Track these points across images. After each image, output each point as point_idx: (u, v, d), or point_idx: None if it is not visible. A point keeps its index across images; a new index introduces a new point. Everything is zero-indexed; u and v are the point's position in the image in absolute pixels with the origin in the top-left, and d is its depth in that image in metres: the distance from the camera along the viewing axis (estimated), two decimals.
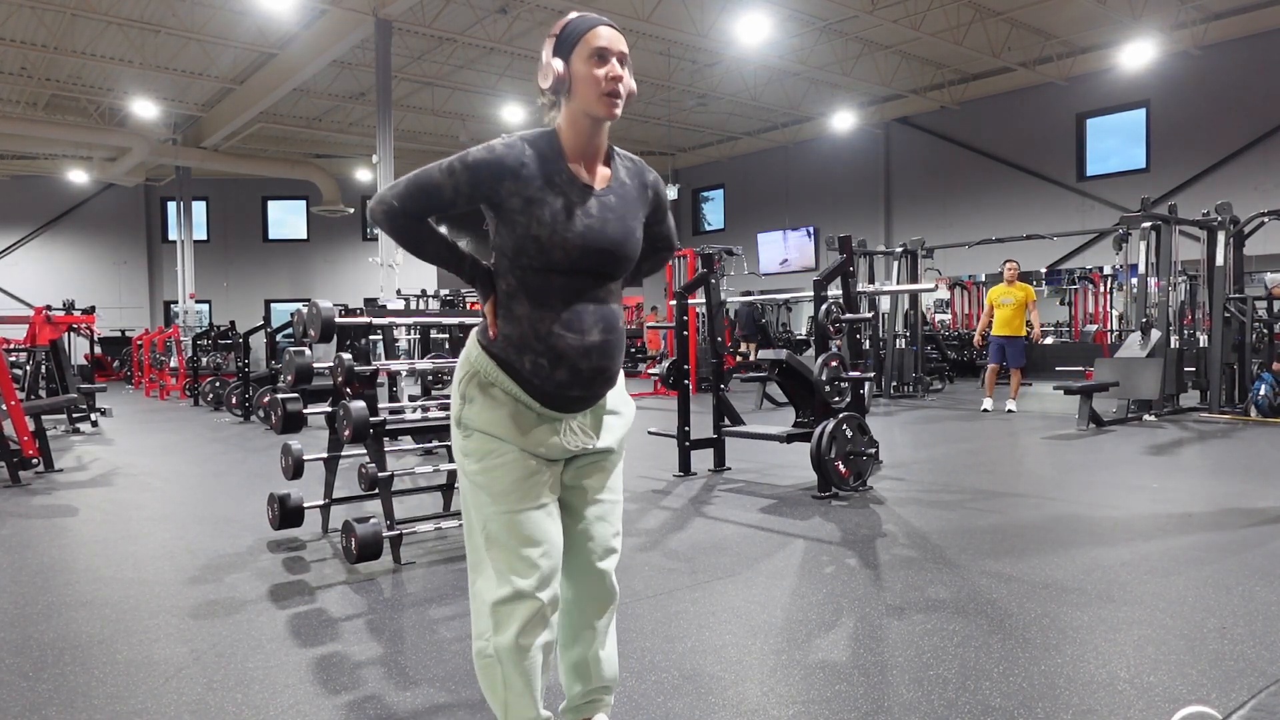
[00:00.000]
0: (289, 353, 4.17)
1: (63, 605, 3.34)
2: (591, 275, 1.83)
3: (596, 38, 1.78)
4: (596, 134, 1.83)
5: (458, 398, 1.88)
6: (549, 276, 1.79)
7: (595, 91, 1.77)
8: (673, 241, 2.17)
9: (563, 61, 1.79)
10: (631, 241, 1.87)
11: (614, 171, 1.89)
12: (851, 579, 3.52)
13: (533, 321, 1.79)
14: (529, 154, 1.78)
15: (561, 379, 1.81)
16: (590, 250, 1.79)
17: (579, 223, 1.78)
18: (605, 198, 1.84)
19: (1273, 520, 4.39)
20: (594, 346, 1.82)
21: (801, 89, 18.59)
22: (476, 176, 1.77)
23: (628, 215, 1.87)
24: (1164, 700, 2.32)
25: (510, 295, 1.82)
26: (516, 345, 1.81)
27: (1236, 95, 15.26)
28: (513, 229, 1.78)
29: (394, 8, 13.19)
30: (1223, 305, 9.54)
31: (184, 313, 20.85)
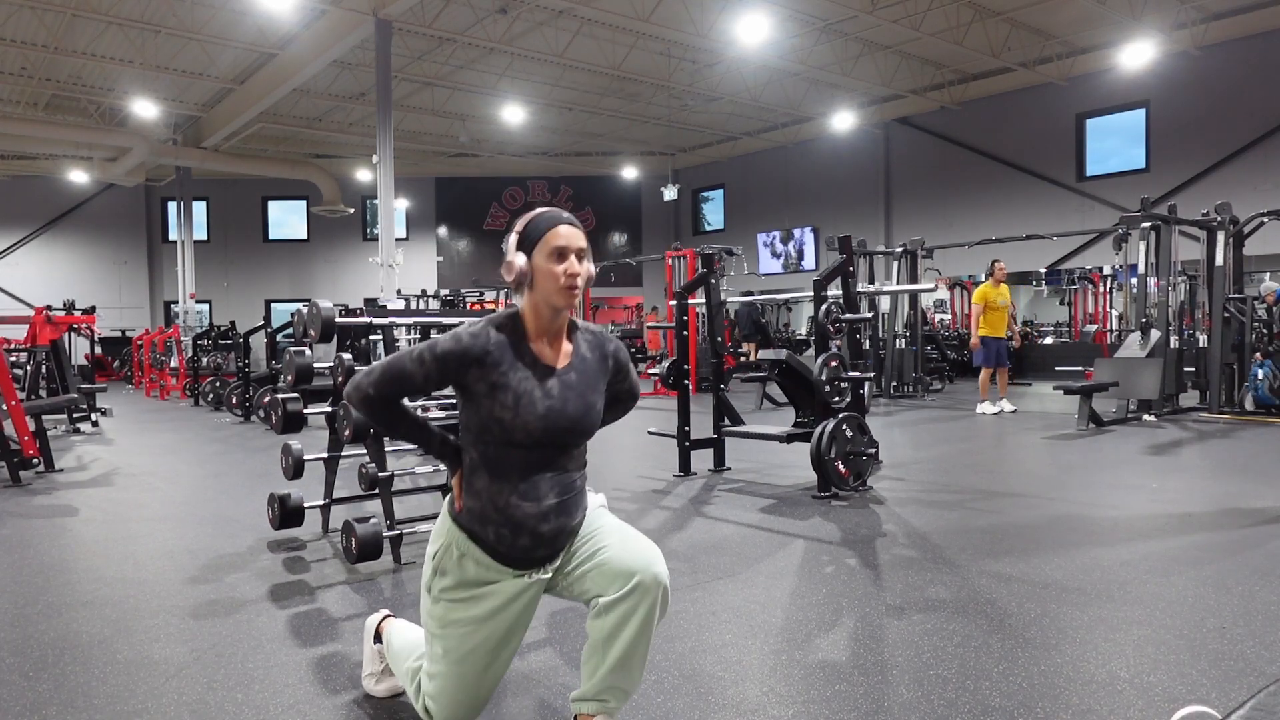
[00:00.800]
0: (289, 353, 4.17)
1: (63, 605, 3.34)
2: (552, 449, 1.98)
3: (556, 237, 1.94)
4: (557, 317, 2.00)
5: (430, 568, 2.05)
6: (510, 451, 1.95)
7: (555, 285, 1.93)
8: (635, 391, 2.33)
9: (525, 257, 1.95)
10: (591, 415, 2.03)
11: (575, 346, 2.05)
12: (851, 579, 3.52)
13: (491, 495, 1.95)
14: (494, 340, 1.94)
15: (524, 544, 1.97)
16: (551, 429, 1.94)
17: (540, 405, 1.93)
18: (566, 375, 1.99)
19: (1273, 520, 4.39)
20: (550, 509, 1.97)
21: (801, 89, 18.59)
22: (444, 366, 1.92)
23: (588, 391, 2.02)
24: (1164, 700, 2.32)
25: (473, 469, 1.98)
26: (479, 518, 1.97)
27: (1236, 95, 15.26)
28: (478, 409, 1.94)
29: (394, 8, 13.19)
30: (1222, 305, 9.54)
31: (184, 313, 20.85)
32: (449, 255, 25.30)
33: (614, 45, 15.72)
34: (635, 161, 24.16)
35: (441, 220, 25.37)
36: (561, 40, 15.43)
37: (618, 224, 25.74)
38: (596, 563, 2.00)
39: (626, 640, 1.94)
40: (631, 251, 24.45)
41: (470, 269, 24.52)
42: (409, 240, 24.40)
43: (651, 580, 1.95)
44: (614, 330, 21.54)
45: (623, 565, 1.96)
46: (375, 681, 2.44)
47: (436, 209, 25.24)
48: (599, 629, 1.97)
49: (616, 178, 24.85)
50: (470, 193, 24.94)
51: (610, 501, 5.21)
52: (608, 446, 7.64)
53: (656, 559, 1.99)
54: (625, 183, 25.05)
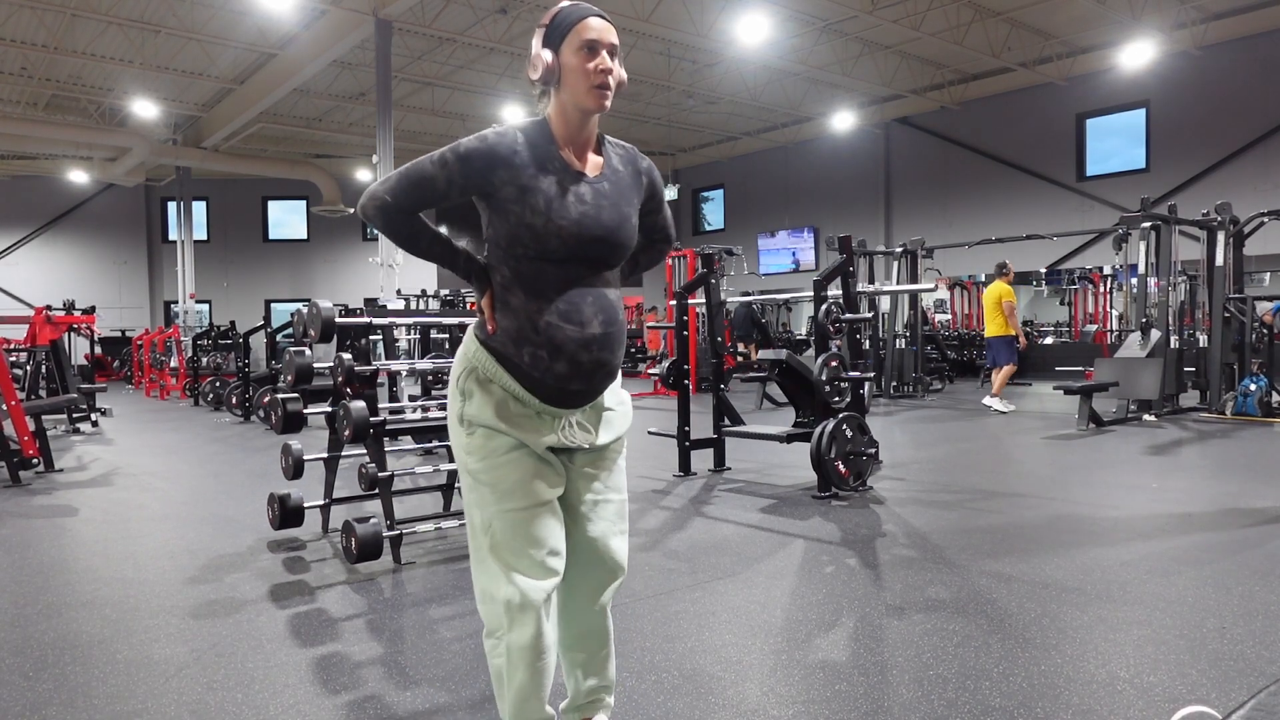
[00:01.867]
0: (289, 353, 4.17)
1: (63, 605, 3.34)
2: (587, 263, 1.80)
3: (586, 29, 1.76)
4: (586, 124, 1.82)
5: (456, 394, 1.85)
6: (544, 266, 1.77)
7: (585, 84, 1.76)
8: (670, 233, 2.16)
9: (552, 52, 1.77)
10: (627, 228, 1.85)
11: (606, 159, 1.88)
12: (851, 579, 3.52)
13: (529, 313, 1.77)
14: (521, 142, 1.77)
15: (561, 371, 1.78)
16: (585, 238, 1.77)
17: (573, 210, 1.76)
18: (599, 184, 1.82)
19: (1273, 520, 4.39)
20: (594, 338, 1.79)
21: (801, 89, 18.59)
22: (469, 166, 1.75)
23: (622, 202, 1.85)
24: (1164, 700, 2.32)
25: (505, 287, 1.79)
26: (514, 338, 1.78)
27: (1236, 95, 15.26)
28: (506, 218, 1.77)
29: (394, 8, 13.19)
30: (1222, 305, 9.54)
31: (184, 313, 20.86)
32: None
33: None
34: None
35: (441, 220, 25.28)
36: None
37: None
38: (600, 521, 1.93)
39: (606, 639, 1.99)
40: None
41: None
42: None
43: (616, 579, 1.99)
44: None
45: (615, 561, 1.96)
46: None
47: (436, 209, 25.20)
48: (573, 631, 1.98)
49: None
50: None
51: None
52: None
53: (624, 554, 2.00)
54: None
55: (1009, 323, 10.12)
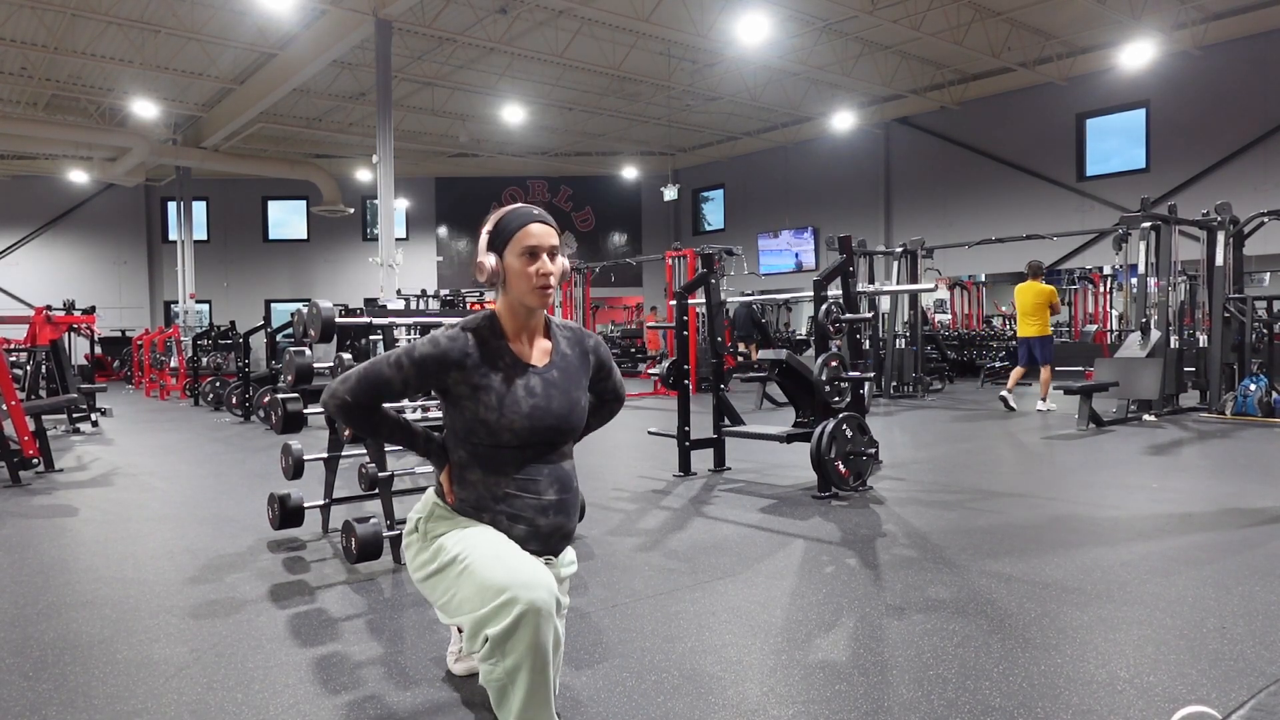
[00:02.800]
0: (289, 353, 4.17)
1: (63, 605, 3.34)
2: (541, 446, 1.95)
3: (527, 236, 1.91)
4: (533, 316, 1.98)
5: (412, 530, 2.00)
6: (499, 451, 1.92)
7: (527, 285, 1.92)
8: (620, 393, 2.29)
9: (496, 256, 1.93)
10: (576, 412, 2.00)
11: (555, 343, 2.03)
12: (851, 579, 3.52)
13: (488, 485, 1.93)
14: (472, 344, 1.91)
15: (519, 534, 1.93)
16: (537, 428, 1.92)
17: (524, 404, 1.90)
18: (548, 374, 1.97)
19: (1273, 520, 4.39)
20: (550, 504, 1.95)
21: (801, 89, 18.59)
22: (423, 370, 1.90)
23: (571, 387, 2.00)
24: (1164, 700, 2.32)
25: (464, 466, 1.95)
26: (474, 506, 1.94)
27: (1236, 95, 15.26)
28: (461, 412, 1.91)
29: (394, 8, 13.19)
30: (1222, 305, 9.54)
31: (184, 313, 20.85)
32: (449, 255, 25.30)
33: (614, 45, 15.72)
34: (635, 161, 24.16)
35: (441, 220, 25.37)
36: (561, 40, 15.43)
37: (618, 224, 25.74)
38: None
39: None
40: (631, 251, 24.45)
41: (470, 269, 24.50)
42: (409, 240, 24.40)
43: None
44: (614, 330, 21.56)
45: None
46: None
47: (436, 209, 25.24)
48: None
49: (616, 178, 24.85)
50: (470, 193, 24.94)
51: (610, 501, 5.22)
52: (608, 446, 7.64)
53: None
54: (625, 183, 25.05)
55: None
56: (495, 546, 1.87)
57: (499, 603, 1.75)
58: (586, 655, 2.72)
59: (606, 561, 3.83)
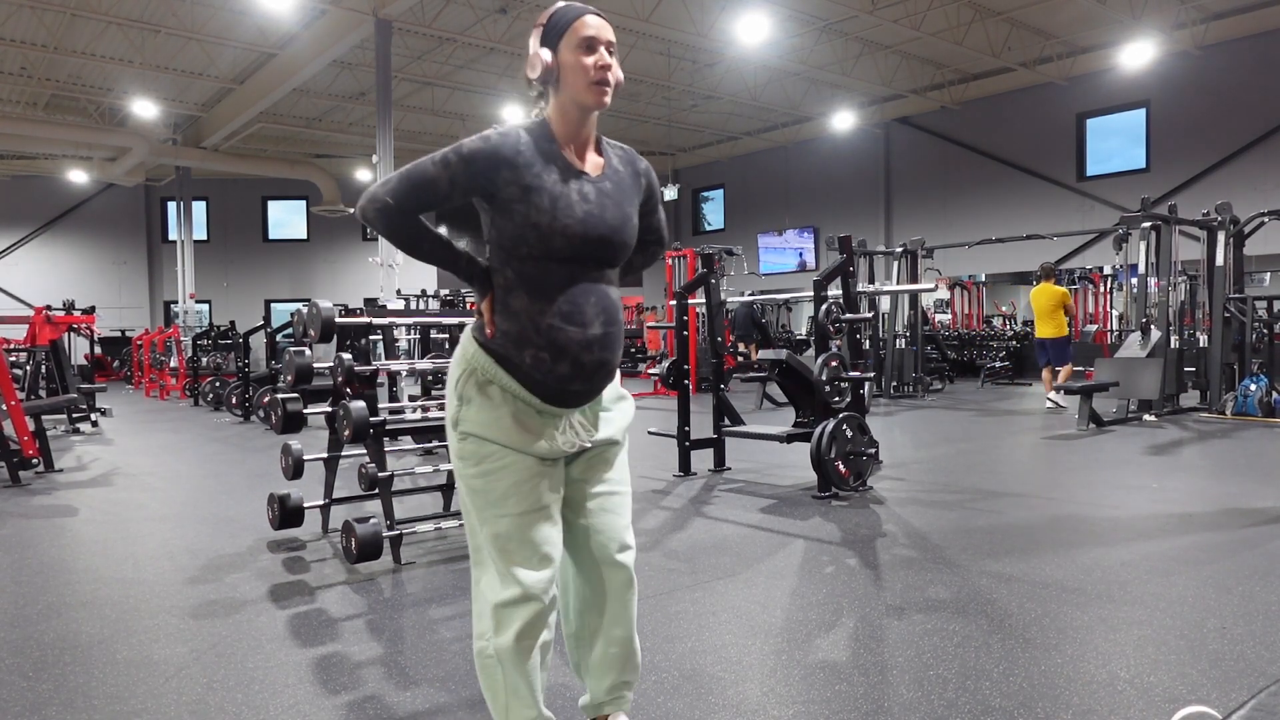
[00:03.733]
0: (289, 353, 4.17)
1: (63, 605, 3.34)
2: (591, 262, 1.80)
3: (584, 26, 1.76)
4: (586, 122, 1.82)
5: (454, 398, 1.85)
6: (547, 266, 1.76)
7: (584, 80, 1.76)
8: (663, 235, 2.15)
9: (550, 51, 1.78)
10: (629, 227, 1.86)
11: (606, 159, 1.88)
12: (851, 579, 3.51)
13: (531, 315, 1.76)
14: (525, 141, 1.76)
15: (563, 373, 1.78)
16: (590, 237, 1.77)
17: (578, 209, 1.76)
18: (601, 184, 1.83)
19: (1273, 520, 4.39)
20: (595, 339, 1.80)
21: (801, 89, 18.59)
22: (473, 167, 1.74)
23: (624, 201, 1.86)
24: (1164, 700, 2.32)
25: (507, 289, 1.79)
26: (515, 340, 1.78)
27: (1236, 95, 15.26)
28: (510, 218, 1.75)
29: (394, 8, 13.19)
30: (1223, 305, 9.54)
31: (184, 313, 20.85)
32: None
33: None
34: None
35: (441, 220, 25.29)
36: None
37: None
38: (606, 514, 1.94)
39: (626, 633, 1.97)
40: None
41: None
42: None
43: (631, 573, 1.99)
44: None
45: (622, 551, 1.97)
46: None
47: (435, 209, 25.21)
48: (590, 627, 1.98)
49: None
50: None
51: None
52: None
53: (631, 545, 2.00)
54: None
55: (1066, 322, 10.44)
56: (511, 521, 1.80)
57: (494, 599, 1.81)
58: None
59: None
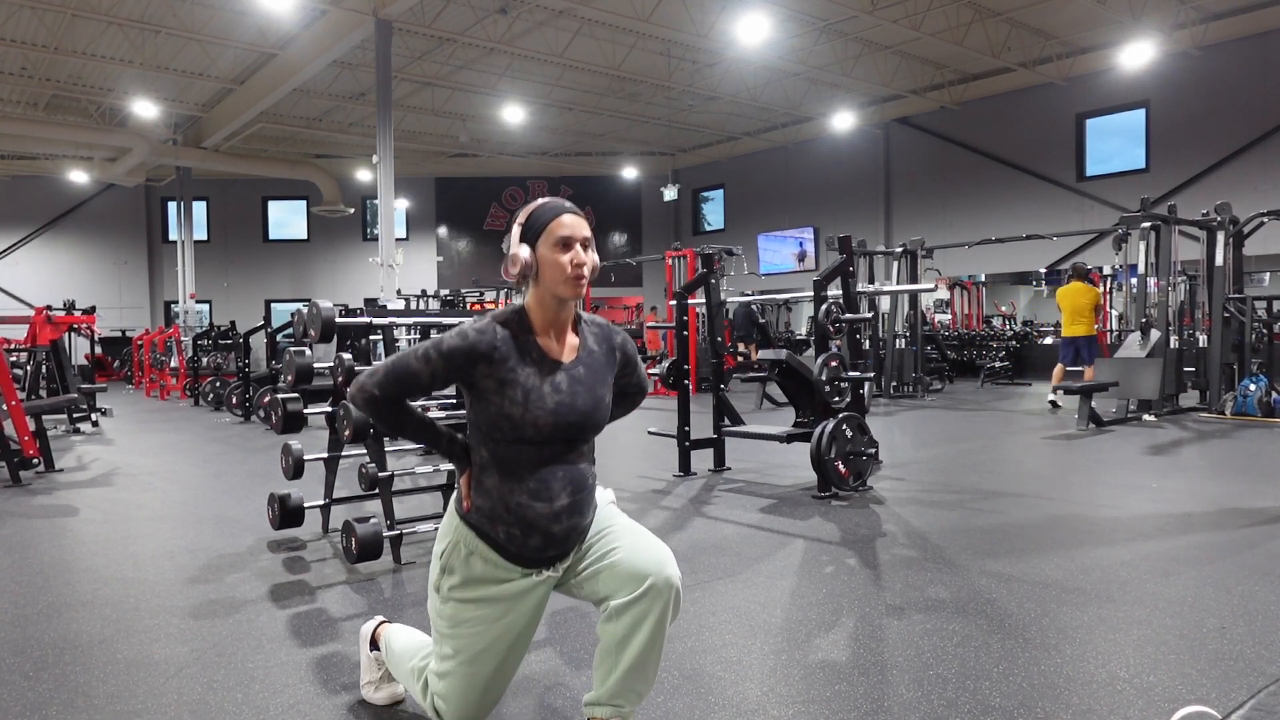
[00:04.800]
0: (289, 353, 4.17)
1: (63, 605, 3.34)
2: (561, 444, 1.95)
3: (560, 226, 1.91)
4: (563, 309, 1.97)
5: (438, 567, 2.02)
6: (521, 448, 1.91)
7: (561, 275, 1.90)
8: (643, 385, 2.29)
9: (529, 249, 1.91)
10: (600, 409, 2.00)
11: (582, 339, 2.02)
12: (851, 579, 3.52)
13: (501, 494, 1.92)
14: (500, 335, 1.90)
15: (535, 544, 1.95)
16: (561, 424, 1.92)
17: (549, 400, 1.90)
18: (574, 370, 1.96)
19: (1273, 520, 4.39)
20: (563, 509, 1.95)
21: (801, 89, 18.58)
22: (451, 364, 1.89)
23: (596, 384, 2.00)
24: (1164, 700, 2.32)
25: (483, 468, 1.95)
26: (489, 517, 1.95)
27: (1236, 95, 15.26)
28: (486, 407, 1.91)
29: (394, 8, 13.19)
30: (1222, 305, 9.54)
31: (184, 313, 20.84)
32: (449, 255, 25.29)
33: (614, 45, 15.72)
34: (635, 161, 24.16)
35: (441, 220, 25.36)
36: (561, 40, 15.43)
37: (618, 224, 25.73)
38: (608, 564, 1.99)
39: (640, 644, 1.94)
40: (631, 251, 24.44)
41: (470, 269, 24.52)
42: (409, 240, 24.39)
43: (664, 583, 1.94)
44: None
45: (635, 568, 1.96)
46: (374, 689, 2.39)
47: (436, 209, 25.23)
48: (611, 633, 1.96)
49: (616, 178, 24.84)
50: (470, 193, 24.94)
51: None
52: (607, 446, 7.64)
53: (668, 560, 1.98)
54: (625, 183, 25.05)
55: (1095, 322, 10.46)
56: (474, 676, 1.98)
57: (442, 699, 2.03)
58: (586, 655, 2.72)
59: None
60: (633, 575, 1.95)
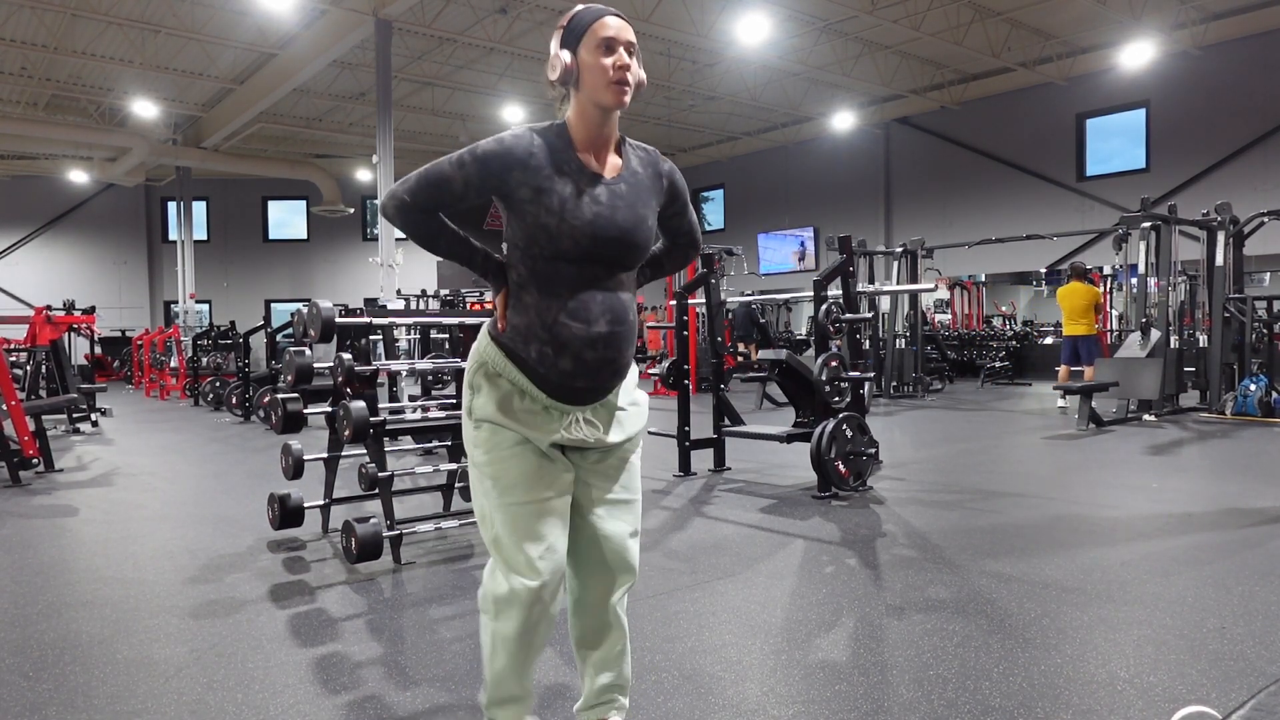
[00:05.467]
0: (289, 353, 4.17)
1: (63, 605, 3.34)
2: (602, 263, 1.83)
3: (604, 27, 1.79)
4: (606, 123, 1.84)
5: (467, 388, 1.91)
6: (559, 265, 1.80)
7: (603, 80, 1.78)
8: (695, 237, 2.16)
9: (570, 52, 1.80)
10: (642, 229, 1.87)
11: (626, 160, 1.90)
12: (851, 579, 3.51)
13: (539, 310, 1.81)
14: (537, 144, 1.79)
15: (566, 368, 1.81)
16: (599, 238, 1.80)
17: (588, 210, 1.78)
18: (615, 185, 1.84)
19: (1273, 520, 4.39)
20: (599, 337, 1.82)
21: (801, 89, 18.58)
22: (486, 168, 1.78)
23: (638, 203, 1.87)
24: (1164, 700, 2.32)
25: (520, 285, 1.83)
26: (523, 335, 1.83)
27: (1236, 95, 15.26)
28: (523, 219, 1.80)
29: (394, 8, 13.19)
30: (1222, 305, 9.54)
31: (184, 313, 20.84)
32: None
33: None
34: None
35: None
36: None
37: None
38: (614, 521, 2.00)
39: (618, 636, 2.00)
40: None
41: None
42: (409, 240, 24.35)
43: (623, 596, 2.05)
44: None
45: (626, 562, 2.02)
46: None
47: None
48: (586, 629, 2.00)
49: None
50: None
51: None
52: None
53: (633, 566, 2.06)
54: None
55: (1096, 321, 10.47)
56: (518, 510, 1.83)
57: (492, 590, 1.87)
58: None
59: None
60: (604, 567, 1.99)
